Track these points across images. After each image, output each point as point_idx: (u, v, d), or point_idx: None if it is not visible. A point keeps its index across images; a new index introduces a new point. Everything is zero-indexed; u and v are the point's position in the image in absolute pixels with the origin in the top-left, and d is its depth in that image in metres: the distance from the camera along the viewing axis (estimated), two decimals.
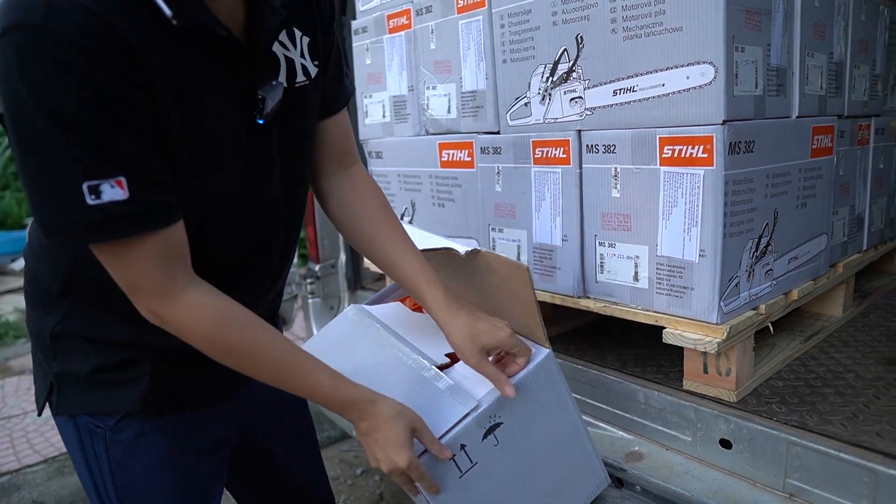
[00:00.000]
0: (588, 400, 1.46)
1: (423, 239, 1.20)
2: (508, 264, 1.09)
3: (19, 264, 6.37)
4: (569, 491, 1.18)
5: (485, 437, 1.03)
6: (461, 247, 1.15)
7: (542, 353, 1.09)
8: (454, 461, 1.00)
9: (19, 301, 5.20)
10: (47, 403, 0.98)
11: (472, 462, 1.03)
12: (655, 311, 1.31)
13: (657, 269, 1.29)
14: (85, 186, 0.70)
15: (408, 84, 1.82)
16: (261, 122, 0.88)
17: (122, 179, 0.72)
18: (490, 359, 1.04)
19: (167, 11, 0.73)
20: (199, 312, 0.83)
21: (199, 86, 0.79)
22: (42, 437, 2.98)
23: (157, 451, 0.97)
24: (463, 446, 1.01)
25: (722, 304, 1.22)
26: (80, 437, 0.96)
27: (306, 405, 1.26)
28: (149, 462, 0.97)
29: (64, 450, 2.83)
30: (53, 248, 0.91)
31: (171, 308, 0.81)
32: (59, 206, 0.72)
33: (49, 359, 0.96)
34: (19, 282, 5.79)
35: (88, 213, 0.71)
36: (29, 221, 6.75)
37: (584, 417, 1.44)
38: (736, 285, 1.25)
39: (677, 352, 1.33)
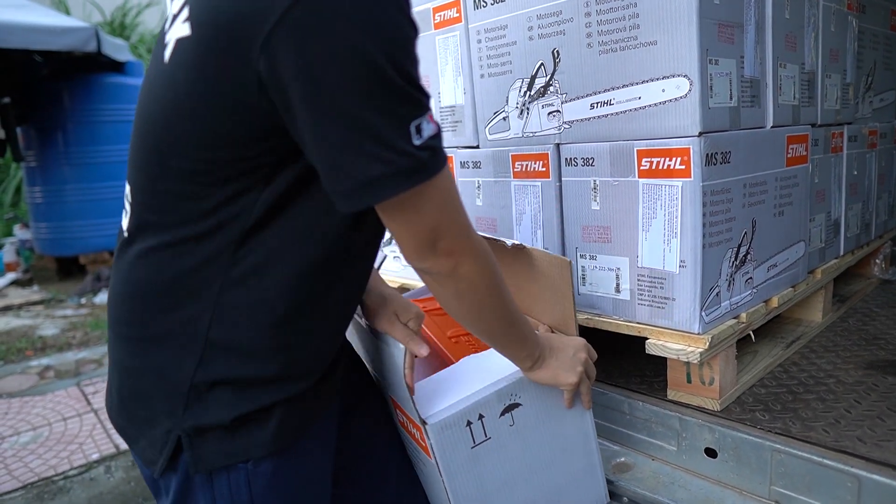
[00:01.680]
0: None
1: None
2: (550, 258, 1.15)
3: None
4: (567, 499, 1.19)
5: (502, 413, 1.07)
6: (507, 240, 1.19)
7: None
8: (469, 430, 1.04)
9: None
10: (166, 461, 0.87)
11: (486, 435, 1.06)
12: (638, 322, 1.32)
13: (638, 280, 1.30)
14: (412, 127, 0.71)
15: None
16: None
17: (430, 113, 0.74)
18: None
19: None
20: (483, 246, 0.86)
21: None
22: (21, 462, 2.92)
23: (295, 479, 0.92)
24: (481, 416, 1.05)
25: (703, 313, 1.23)
26: (211, 483, 0.86)
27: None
28: (291, 491, 0.91)
29: (45, 475, 2.78)
30: (200, 275, 0.83)
31: (472, 242, 0.84)
32: (387, 156, 0.70)
33: (178, 410, 0.84)
34: None
35: (418, 154, 0.72)
36: (5, 241, 6.64)
37: None
38: (717, 295, 1.26)
39: (661, 361, 1.34)
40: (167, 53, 0.79)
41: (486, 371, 1.10)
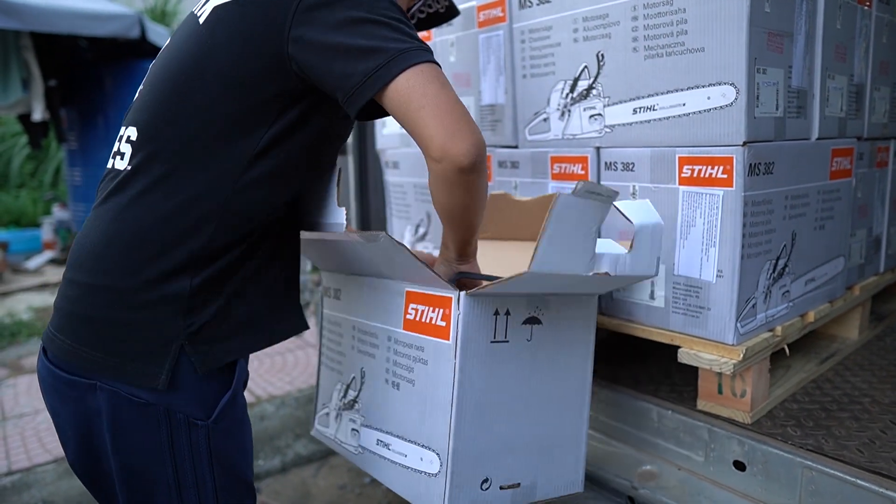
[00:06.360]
0: (600, 417, 1.45)
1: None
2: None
3: (34, 262, 6.43)
4: (548, 464, 1.19)
5: (525, 321, 1.10)
6: None
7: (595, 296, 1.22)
8: (494, 320, 1.06)
9: (33, 299, 5.24)
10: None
11: (505, 337, 1.08)
12: (671, 331, 1.31)
13: (674, 288, 1.29)
14: (413, 30, 0.97)
15: None
16: None
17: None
18: None
19: None
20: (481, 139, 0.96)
21: None
22: (53, 437, 2.99)
23: (243, 402, 1.10)
24: (508, 312, 1.07)
25: (738, 325, 1.22)
26: (169, 423, 1.00)
27: None
28: (242, 411, 1.09)
29: None
30: (201, 198, 0.98)
31: (476, 131, 0.94)
32: (410, 40, 0.94)
33: (179, 316, 0.97)
34: (33, 280, 5.84)
35: (421, 44, 0.95)
36: (44, 220, 6.83)
37: (596, 434, 1.45)
38: (753, 306, 1.25)
39: (691, 371, 1.33)
40: (202, 18, 1.01)
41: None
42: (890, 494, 1.02)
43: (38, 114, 5.54)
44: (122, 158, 1.03)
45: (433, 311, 1.08)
